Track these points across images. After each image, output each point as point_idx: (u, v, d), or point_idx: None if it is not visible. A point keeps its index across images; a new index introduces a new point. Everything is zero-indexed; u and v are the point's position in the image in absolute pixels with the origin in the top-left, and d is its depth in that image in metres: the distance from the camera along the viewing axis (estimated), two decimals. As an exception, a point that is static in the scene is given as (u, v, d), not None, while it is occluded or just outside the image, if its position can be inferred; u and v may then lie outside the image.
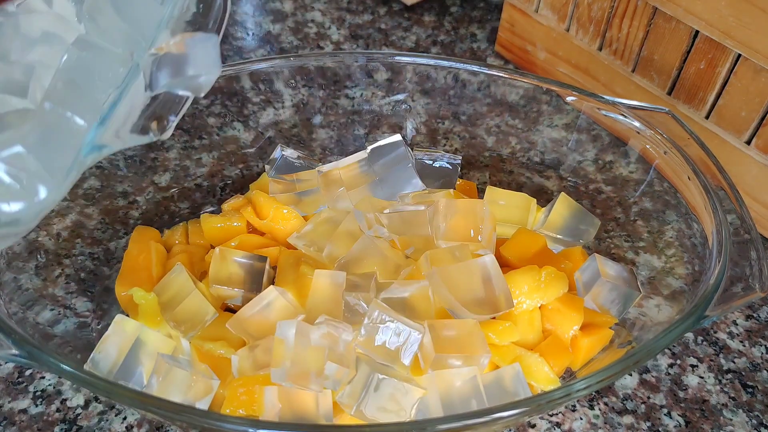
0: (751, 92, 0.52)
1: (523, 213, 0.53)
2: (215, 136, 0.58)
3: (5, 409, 0.44)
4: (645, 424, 0.46)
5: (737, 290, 0.42)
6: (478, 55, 0.75)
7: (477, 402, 0.40)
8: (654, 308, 0.47)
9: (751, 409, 0.47)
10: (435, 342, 0.40)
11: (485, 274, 0.43)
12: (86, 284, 0.48)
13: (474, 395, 0.40)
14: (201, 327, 0.44)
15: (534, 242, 0.50)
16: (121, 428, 0.44)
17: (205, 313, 0.44)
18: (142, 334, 0.42)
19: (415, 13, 0.80)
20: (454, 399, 0.40)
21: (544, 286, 0.45)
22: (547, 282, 0.45)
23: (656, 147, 0.51)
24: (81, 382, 0.36)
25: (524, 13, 0.68)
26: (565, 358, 0.45)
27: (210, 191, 0.57)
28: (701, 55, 0.54)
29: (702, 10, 0.52)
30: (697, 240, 0.47)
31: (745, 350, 0.50)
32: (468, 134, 0.60)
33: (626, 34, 0.59)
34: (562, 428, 0.45)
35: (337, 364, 0.39)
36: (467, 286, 0.43)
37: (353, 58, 0.57)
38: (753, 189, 0.55)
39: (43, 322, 0.44)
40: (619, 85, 0.62)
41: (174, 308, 0.44)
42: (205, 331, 0.44)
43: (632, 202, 0.54)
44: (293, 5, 0.80)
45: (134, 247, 0.49)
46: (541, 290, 0.45)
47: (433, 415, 0.40)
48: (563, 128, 0.57)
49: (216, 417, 0.35)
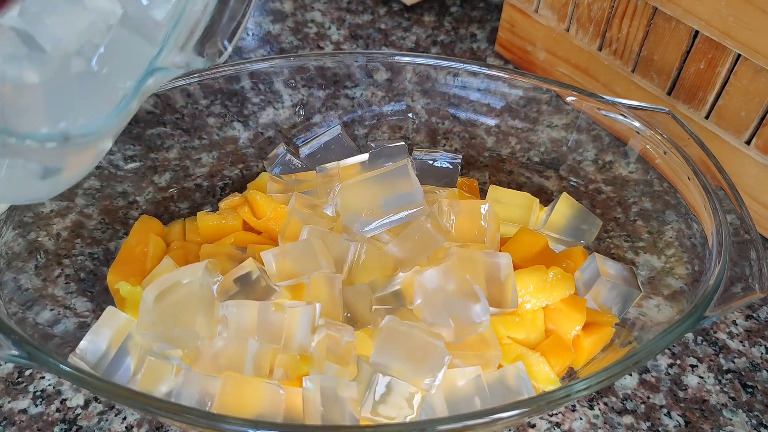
0: (751, 92, 0.52)
1: (525, 212, 0.53)
2: (215, 136, 0.58)
3: (5, 409, 0.44)
4: (645, 424, 0.46)
5: (737, 290, 0.42)
6: (478, 55, 0.75)
7: (481, 401, 0.40)
8: (654, 308, 0.47)
9: (750, 409, 0.47)
10: (447, 343, 0.40)
11: (499, 270, 0.44)
12: (86, 284, 0.48)
13: (478, 394, 0.40)
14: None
15: (535, 242, 0.50)
16: (120, 428, 0.44)
17: None
18: (132, 328, 0.43)
19: (415, 13, 0.80)
20: (458, 398, 0.40)
21: (551, 286, 0.45)
22: (553, 283, 0.45)
23: (656, 147, 0.51)
24: (81, 382, 0.36)
25: (524, 13, 0.68)
26: (567, 358, 0.45)
27: (210, 191, 0.57)
28: (701, 55, 0.54)
29: (702, 10, 0.52)
30: (697, 240, 0.47)
31: (744, 350, 0.50)
32: (468, 134, 0.60)
33: (626, 34, 0.59)
34: (562, 428, 0.45)
35: (337, 365, 0.39)
36: (480, 277, 0.44)
37: (353, 58, 0.57)
38: (753, 189, 0.55)
39: (43, 323, 0.43)
40: (619, 85, 0.62)
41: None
42: None
43: (632, 202, 0.54)
44: (293, 5, 0.80)
45: (134, 238, 0.50)
46: (547, 290, 0.45)
47: (437, 413, 0.40)
48: (563, 128, 0.57)
49: (216, 417, 0.35)
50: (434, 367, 0.39)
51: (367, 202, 0.48)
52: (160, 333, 0.40)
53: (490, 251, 0.45)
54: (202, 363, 0.41)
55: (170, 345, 0.41)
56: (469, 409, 0.40)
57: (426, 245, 0.46)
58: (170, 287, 0.41)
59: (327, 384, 0.38)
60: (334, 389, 0.38)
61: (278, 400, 0.39)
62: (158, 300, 0.41)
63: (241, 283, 0.43)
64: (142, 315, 0.41)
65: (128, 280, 0.46)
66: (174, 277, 0.41)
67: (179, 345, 0.41)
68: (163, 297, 0.41)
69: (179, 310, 0.40)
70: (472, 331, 0.41)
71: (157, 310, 0.40)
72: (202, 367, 0.41)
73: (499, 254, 0.45)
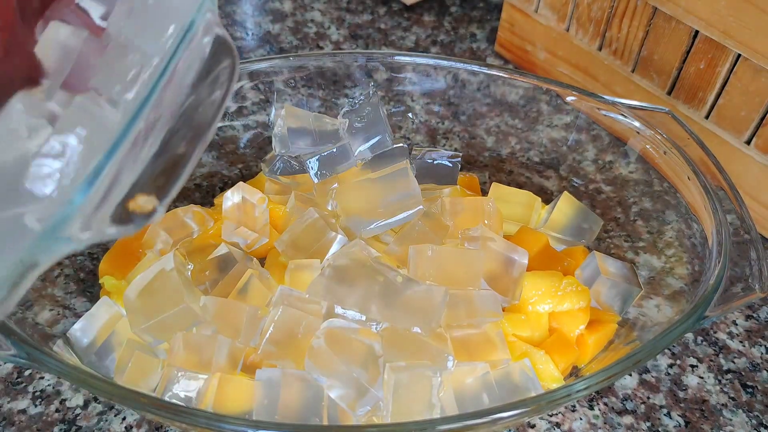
0: (751, 92, 0.52)
1: (526, 211, 0.53)
2: (214, 136, 0.58)
3: (4, 410, 0.44)
4: (645, 424, 0.46)
5: (737, 290, 0.42)
6: (477, 55, 0.75)
7: (489, 398, 0.40)
8: (654, 308, 0.47)
9: (750, 409, 0.47)
10: (455, 349, 0.41)
11: (512, 263, 0.45)
12: (85, 284, 0.48)
13: (486, 391, 0.40)
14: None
15: (536, 241, 0.50)
16: (120, 428, 0.44)
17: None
18: (120, 322, 0.43)
19: (415, 13, 0.80)
20: (466, 395, 0.40)
21: (561, 294, 0.45)
22: (564, 292, 0.46)
23: (656, 147, 0.51)
24: (80, 382, 0.36)
25: (524, 13, 0.68)
26: (571, 356, 0.45)
27: (209, 191, 0.57)
28: (701, 55, 0.54)
29: (702, 10, 0.52)
30: (697, 240, 0.47)
31: (744, 350, 0.50)
32: (468, 134, 0.60)
33: (626, 34, 0.59)
34: (562, 428, 0.45)
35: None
36: (492, 264, 0.45)
37: (353, 58, 0.57)
38: (753, 189, 0.55)
39: (43, 323, 0.43)
40: (618, 85, 0.62)
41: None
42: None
43: (632, 202, 0.54)
44: (293, 5, 0.80)
45: None
46: (556, 297, 0.46)
47: (447, 410, 0.40)
48: (563, 128, 0.57)
49: (216, 417, 0.35)
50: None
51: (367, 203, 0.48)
52: (152, 326, 0.41)
53: (512, 244, 0.46)
54: (175, 355, 0.41)
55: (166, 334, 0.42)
56: (477, 406, 0.40)
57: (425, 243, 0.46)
58: (149, 282, 0.42)
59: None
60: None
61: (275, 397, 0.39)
62: (141, 296, 0.41)
63: (217, 264, 0.45)
64: (131, 314, 0.41)
65: (119, 272, 0.47)
66: (149, 273, 0.42)
67: (177, 329, 0.41)
68: (144, 292, 0.41)
69: (165, 297, 0.41)
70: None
71: (142, 305, 0.41)
72: (176, 359, 0.40)
73: (518, 249, 0.46)
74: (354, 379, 0.38)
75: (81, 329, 0.43)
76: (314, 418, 0.38)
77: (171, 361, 0.40)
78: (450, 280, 0.43)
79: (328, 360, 0.38)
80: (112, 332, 0.43)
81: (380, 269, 0.41)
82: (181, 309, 0.40)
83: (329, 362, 0.38)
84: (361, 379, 0.38)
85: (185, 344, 0.40)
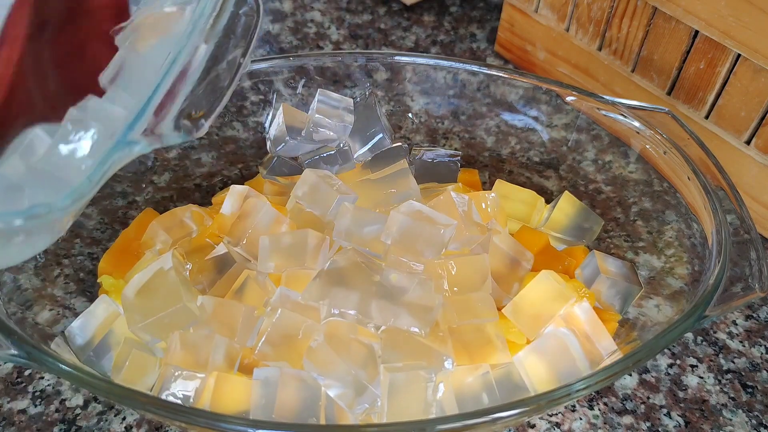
0: (751, 92, 0.52)
1: (528, 209, 0.53)
2: (214, 136, 0.58)
3: (4, 410, 0.44)
4: (644, 424, 0.46)
5: (737, 290, 0.42)
6: (477, 55, 0.75)
7: (489, 397, 0.40)
8: (654, 308, 0.47)
9: (750, 409, 0.47)
10: (456, 351, 0.41)
11: (519, 264, 0.46)
12: (85, 284, 0.48)
13: (486, 391, 0.40)
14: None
15: (537, 240, 0.50)
16: (120, 428, 0.44)
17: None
18: (118, 321, 0.43)
19: (415, 13, 0.80)
20: (466, 395, 0.40)
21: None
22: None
23: (656, 147, 0.51)
24: (80, 382, 0.36)
25: (524, 13, 0.68)
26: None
27: (209, 191, 0.57)
28: (701, 55, 0.54)
29: (702, 10, 0.52)
30: (697, 240, 0.47)
31: (744, 350, 0.50)
32: (468, 134, 0.60)
33: (626, 34, 0.59)
34: (562, 428, 0.45)
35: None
36: (502, 261, 0.46)
37: (353, 58, 0.57)
38: (753, 189, 0.55)
39: (43, 323, 0.43)
40: (618, 85, 0.62)
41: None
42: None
43: (632, 202, 0.54)
44: (293, 5, 0.80)
45: (133, 230, 0.50)
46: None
47: (447, 410, 0.40)
48: (563, 128, 0.57)
49: (215, 416, 0.35)
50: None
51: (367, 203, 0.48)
52: (150, 324, 0.41)
53: (521, 246, 0.47)
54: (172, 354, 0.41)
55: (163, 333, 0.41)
56: (477, 406, 0.40)
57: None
58: (147, 281, 0.42)
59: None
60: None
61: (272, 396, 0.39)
62: (139, 295, 0.42)
63: (215, 264, 0.45)
64: (128, 313, 0.41)
65: (118, 271, 0.47)
66: (147, 272, 0.42)
67: (174, 327, 0.41)
68: (142, 291, 0.42)
69: (163, 296, 0.41)
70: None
71: (140, 304, 0.41)
72: (172, 358, 0.40)
73: (526, 251, 0.46)
74: (353, 377, 0.38)
75: (79, 327, 0.44)
76: (311, 418, 0.38)
77: (168, 359, 0.40)
78: (459, 287, 0.43)
79: (328, 359, 0.38)
80: (110, 330, 0.43)
81: (374, 270, 0.41)
82: (179, 308, 0.40)
83: (328, 361, 0.38)
84: (359, 377, 0.38)
85: (182, 343, 0.40)
